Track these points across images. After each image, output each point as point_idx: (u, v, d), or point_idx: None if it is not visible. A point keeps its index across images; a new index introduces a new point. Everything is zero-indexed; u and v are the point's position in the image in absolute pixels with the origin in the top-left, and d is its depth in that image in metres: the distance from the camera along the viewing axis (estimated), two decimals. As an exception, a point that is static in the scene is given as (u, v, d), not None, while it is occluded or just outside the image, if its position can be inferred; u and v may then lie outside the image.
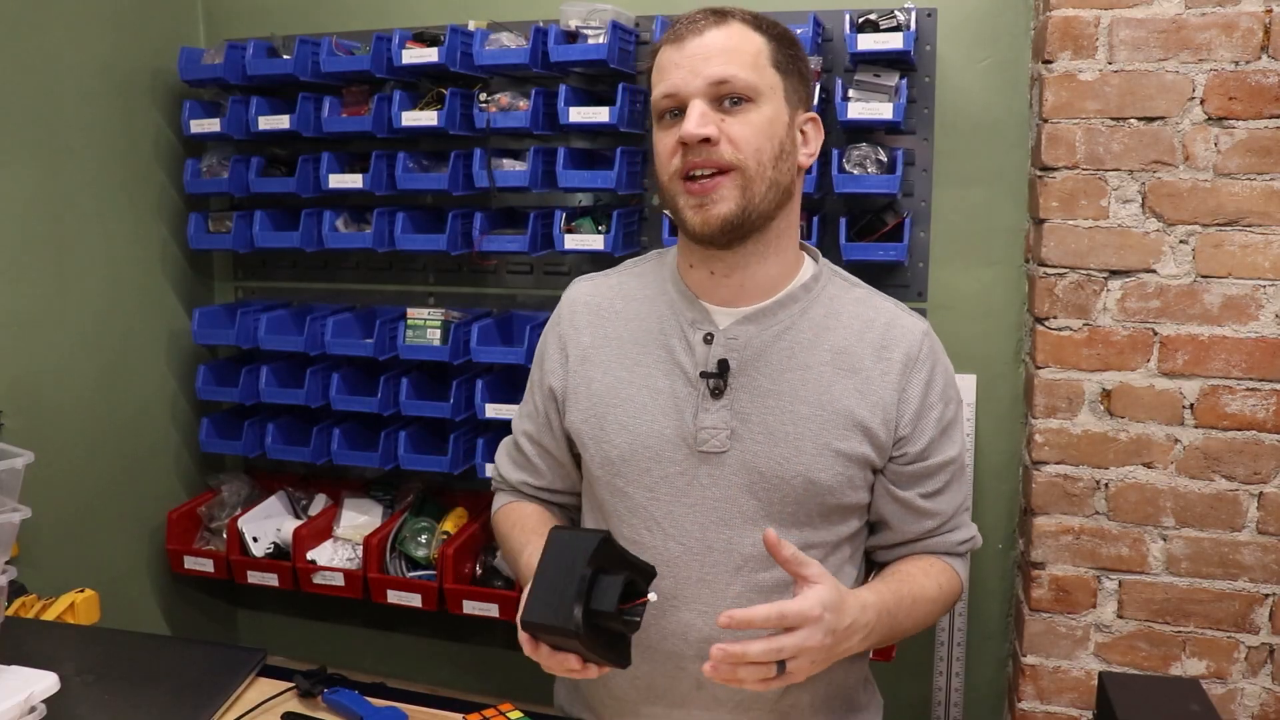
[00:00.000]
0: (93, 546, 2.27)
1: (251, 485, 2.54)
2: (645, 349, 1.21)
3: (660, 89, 1.13)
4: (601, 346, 1.24)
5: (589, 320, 1.27)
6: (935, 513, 1.23)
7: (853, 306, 1.22)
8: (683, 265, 1.23)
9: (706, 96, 1.10)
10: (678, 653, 1.19)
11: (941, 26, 2.03)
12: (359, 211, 2.36)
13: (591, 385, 1.23)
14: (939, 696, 2.19)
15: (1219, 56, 1.74)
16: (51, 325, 2.15)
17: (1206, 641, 1.87)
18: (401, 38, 2.14)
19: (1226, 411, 1.82)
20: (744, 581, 1.18)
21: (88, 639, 1.43)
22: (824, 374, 1.17)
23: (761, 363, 1.17)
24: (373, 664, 2.59)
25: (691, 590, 1.18)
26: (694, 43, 1.11)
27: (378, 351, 2.24)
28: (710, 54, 1.10)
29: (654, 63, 1.17)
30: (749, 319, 1.18)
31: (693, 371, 1.18)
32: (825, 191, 2.05)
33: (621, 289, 1.28)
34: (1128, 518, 1.88)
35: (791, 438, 1.15)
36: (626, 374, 1.21)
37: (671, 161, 1.12)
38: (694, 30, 1.12)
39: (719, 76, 1.10)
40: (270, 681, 1.28)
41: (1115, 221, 1.83)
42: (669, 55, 1.13)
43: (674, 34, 1.14)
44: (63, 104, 2.15)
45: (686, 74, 1.11)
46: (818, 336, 1.19)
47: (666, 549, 1.19)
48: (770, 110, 1.12)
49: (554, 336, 1.30)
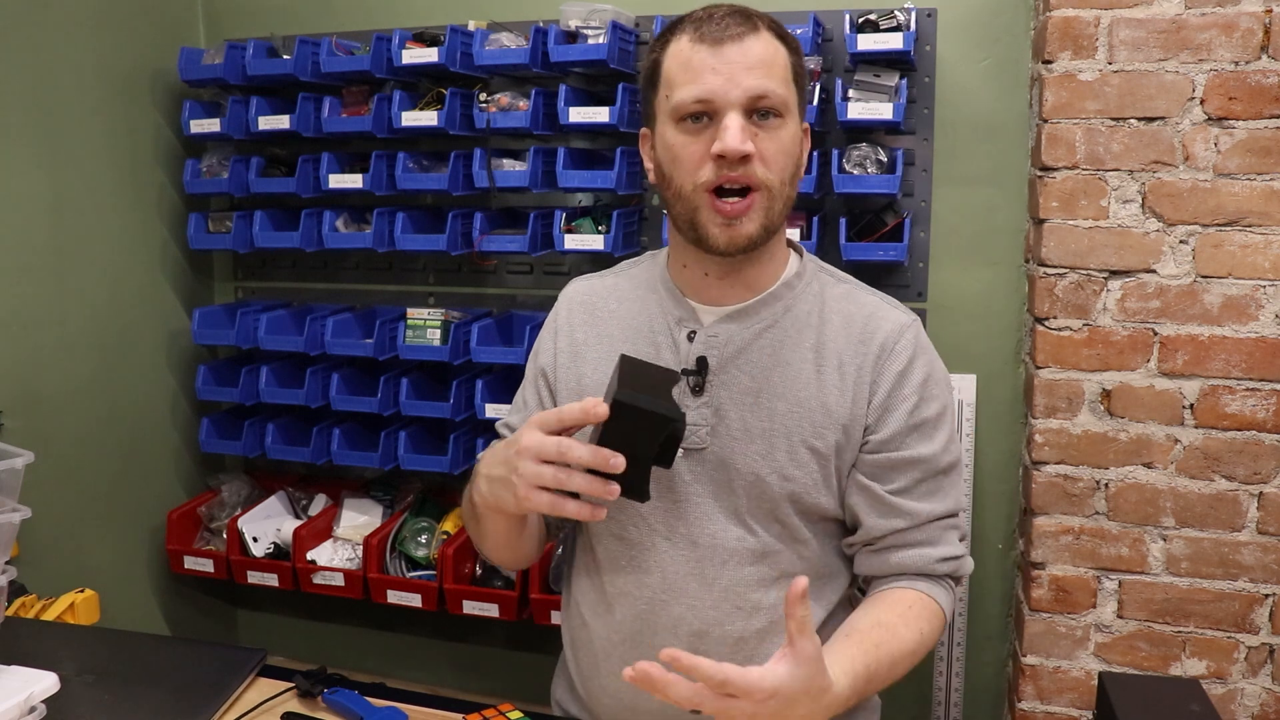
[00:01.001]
0: (92, 546, 2.27)
1: (251, 485, 2.54)
2: (635, 347, 1.22)
3: (691, 91, 1.09)
4: (594, 344, 1.25)
5: (584, 318, 1.28)
6: (904, 511, 1.17)
7: (837, 302, 1.22)
8: (675, 265, 1.23)
9: (743, 108, 1.08)
10: (668, 648, 1.19)
11: (941, 26, 2.03)
12: (359, 212, 2.36)
13: (582, 380, 1.24)
14: (939, 697, 2.19)
15: (1219, 57, 1.74)
16: (52, 325, 2.15)
17: (1206, 642, 1.87)
18: (401, 38, 2.14)
19: (1226, 411, 1.82)
20: (730, 575, 1.18)
21: (88, 639, 1.43)
22: (805, 371, 1.18)
23: (743, 360, 1.18)
24: (373, 664, 2.59)
25: (680, 584, 1.19)
26: (733, 49, 1.08)
27: (378, 352, 2.25)
28: (751, 64, 1.08)
29: (664, 54, 1.13)
30: (731, 317, 1.19)
31: (676, 368, 1.19)
32: (825, 191, 2.05)
33: (616, 289, 1.29)
34: (1128, 518, 1.89)
35: (766, 434, 1.16)
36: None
37: (699, 171, 1.10)
38: (732, 35, 1.09)
39: (760, 91, 1.08)
40: (270, 682, 1.28)
41: (1115, 221, 1.83)
42: (702, 57, 1.09)
43: (706, 34, 1.09)
44: (63, 104, 2.15)
45: (725, 82, 1.08)
46: (801, 333, 1.19)
47: (653, 544, 1.20)
48: (793, 126, 1.13)
49: (549, 332, 1.31)
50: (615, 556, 1.23)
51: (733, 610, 1.19)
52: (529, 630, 2.41)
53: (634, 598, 1.21)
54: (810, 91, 1.94)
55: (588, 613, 1.27)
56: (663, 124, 1.14)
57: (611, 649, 1.24)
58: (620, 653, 1.23)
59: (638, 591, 1.21)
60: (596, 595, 1.26)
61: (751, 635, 1.19)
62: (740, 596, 1.18)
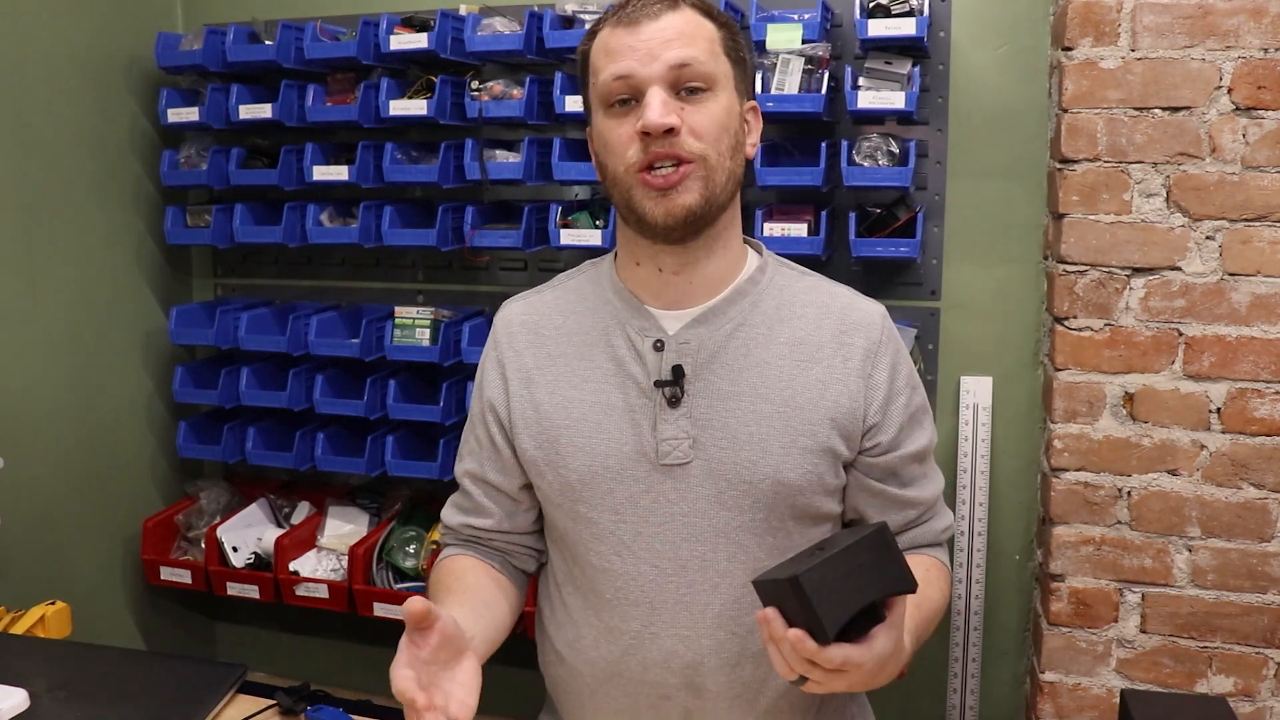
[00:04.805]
0: (64, 556, 2.26)
1: (231, 492, 2.54)
2: (592, 364, 1.20)
3: (611, 70, 1.11)
4: (545, 367, 1.22)
5: (528, 341, 1.24)
6: (916, 502, 1.25)
7: (805, 295, 1.22)
8: (626, 266, 1.22)
9: (665, 82, 1.09)
10: (661, 682, 1.18)
11: (956, 11, 2.03)
12: (344, 205, 2.36)
13: (540, 409, 1.21)
14: (953, 715, 2.19)
15: (1247, 43, 1.74)
16: (21, 324, 2.15)
17: (1234, 657, 1.87)
18: (389, 22, 2.14)
19: (1255, 416, 1.82)
20: (723, 599, 1.17)
21: (59, 654, 1.43)
22: (784, 368, 1.17)
23: (717, 364, 1.17)
24: (358, 680, 2.59)
25: (670, 614, 1.17)
26: (650, 26, 1.10)
27: (364, 352, 2.24)
28: (668, 37, 1.09)
29: (592, 45, 1.15)
30: (698, 321, 1.18)
31: (645, 381, 1.17)
32: (834, 184, 2.05)
33: (558, 304, 1.26)
34: (1151, 527, 1.89)
35: (756, 438, 1.15)
36: (576, 392, 1.19)
37: (628, 153, 1.10)
38: (648, 14, 1.11)
39: (680, 60, 1.09)
40: (251, 699, 1.28)
41: (1138, 216, 1.83)
42: (619, 38, 1.11)
43: (624, 16, 1.12)
44: (33, 92, 2.14)
45: (643, 57, 1.09)
46: (772, 330, 1.19)
47: (639, 572, 1.17)
48: (725, 99, 1.13)
49: (492, 362, 1.27)
50: (598, 589, 1.20)
51: (728, 637, 1.17)
52: (520, 645, 2.40)
53: (619, 632, 1.19)
54: (818, 78, 1.94)
55: (565, 649, 1.24)
56: (595, 114, 1.16)
57: (597, 686, 1.22)
58: (605, 690, 1.21)
59: (623, 625, 1.19)
60: (574, 631, 1.23)
61: (748, 658, 1.18)
62: (735, 621, 1.17)
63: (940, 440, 2.10)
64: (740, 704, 1.18)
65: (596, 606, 1.21)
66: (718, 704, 1.18)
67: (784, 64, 1.94)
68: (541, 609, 1.32)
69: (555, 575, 1.28)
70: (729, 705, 1.18)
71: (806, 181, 1.96)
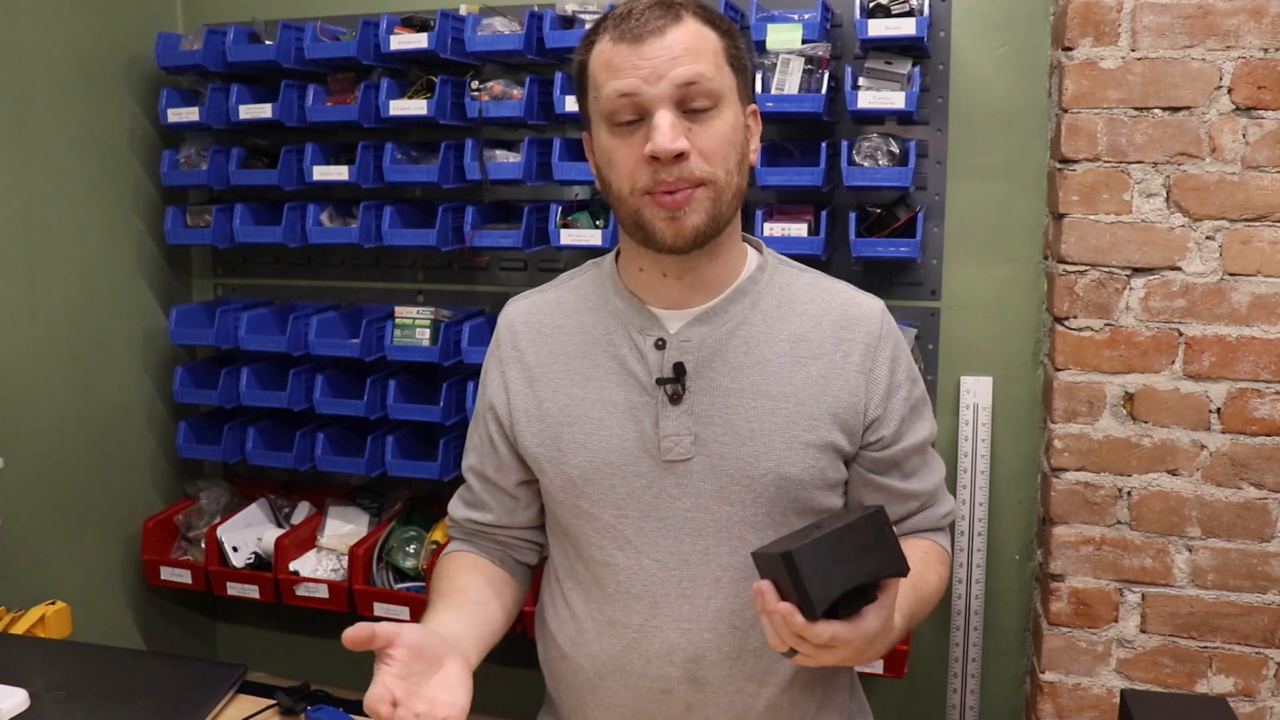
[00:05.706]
0: (64, 557, 2.27)
1: (231, 492, 2.55)
2: (594, 362, 1.21)
3: (614, 87, 1.08)
4: (548, 365, 1.23)
5: (531, 340, 1.26)
6: (918, 493, 1.26)
7: (805, 292, 1.23)
8: (628, 269, 1.22)
9: (672, 102, 1.08)
10: (663, 676, 1.19)
11: (956, 11, 2.03)
12: (344, 205, 2.36)
13: (542, 406, 1.22)
14: (953, 715, 2.19)
15: (1247, 43, 1.74)
16: (21, 324, 2.15)
17: (1234, 657, 1.88)
18: (389, 22, 2.14)
19: (1255, 416, 1.82)
20: (724, 593, 1.18)
21: (59, 654, 1.43)
22: (784, 365, 1.18)
23: (718, 361, 1.18)
24: (358, 681, 2.57)
25: (672, 608, 1.18)
26: (655, 43, 1.07)
27: (364, 352, 2.25)
28: (675, 54, 1.07)
29: (590, 56, 1.13)
30: (700, 319, 1.19)
31: (647, 379, 1.18)
32: (834, 184, 2.05)
33: (560, 304, 1.27)
34: (1151, 527, 1.89)
35: (758, 434, 1.16)
36: (578, 390, 1.21)
37: (636, 176, 1.10)
38: (653, 29, 1.08)
39: (687, 78, 1.07)
40: (251, 699, 1.28)
41: (1138, 216, 1.83)
42: (622, 54, 1.08)
43: (626, 31, 1.09)
44: (33, 92, 2.15)
45: (649, 75, 1.07)
46: (772, 327, 1.20)
47: (641, 567, 1.19)
48: (731, 114, 1.12)
49: (494, 361, 1.28)
50: (601, 583, 1.21)
51: (729, 631, 1.18)
52: (520, 644, 2.40)
53: (621, 626, 1.20)
54: (818, 78, 1.94)
55: (566, 644, 1.25)
56: (597, 127, 1.14)
57: (599, 681, 1.23)
58: (607, 685, 1.22)
59: (625, 619, 1.20)
60: (576, 626, 1.24)
61: (750, 652, 1.19)
62: (736, 615, 1.18)
63: (940, 440, 2.10)
64: (741, 697, 1.20)
65: (599, 601, 1.22)
66: (719, 697, 1.19)
67: (784, 64, 1.94)
68: (543, 604, 1.33)
69: (557, 570, 1.30)
70: (730, 699, 1.19)
71: (806, 181, 1.97)
